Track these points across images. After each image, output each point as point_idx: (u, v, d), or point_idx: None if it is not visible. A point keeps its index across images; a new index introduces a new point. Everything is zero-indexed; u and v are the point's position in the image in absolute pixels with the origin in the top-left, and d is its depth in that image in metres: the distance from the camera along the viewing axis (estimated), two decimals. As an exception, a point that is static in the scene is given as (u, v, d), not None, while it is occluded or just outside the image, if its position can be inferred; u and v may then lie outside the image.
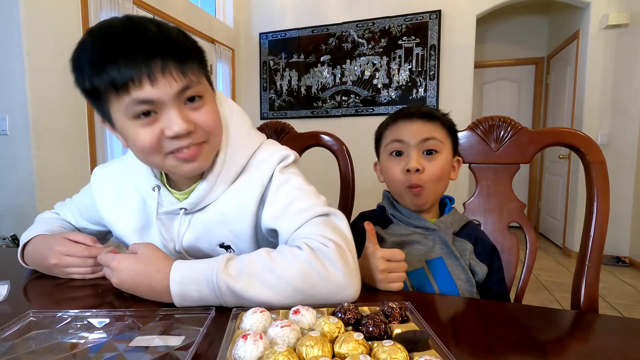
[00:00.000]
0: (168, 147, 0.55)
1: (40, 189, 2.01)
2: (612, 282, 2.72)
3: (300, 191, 0.62)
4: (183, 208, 0.64)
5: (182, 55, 0.52)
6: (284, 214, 0.60)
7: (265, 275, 0.49)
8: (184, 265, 0.51)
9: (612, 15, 2.97)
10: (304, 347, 0.36)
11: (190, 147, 0.55)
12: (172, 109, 0.52)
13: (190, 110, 0.55)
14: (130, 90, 0.49)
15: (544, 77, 4.31)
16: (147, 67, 0.49)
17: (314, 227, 0.56)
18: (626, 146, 3.08)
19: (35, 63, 1.96)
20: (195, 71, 0.54)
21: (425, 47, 3.32)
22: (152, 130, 0.53)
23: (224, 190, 0.64)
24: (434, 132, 0.74)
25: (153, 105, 0.51)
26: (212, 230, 0.65)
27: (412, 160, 0.72)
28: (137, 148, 0.55)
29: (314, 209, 0.58)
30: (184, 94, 0.53)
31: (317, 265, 0.50)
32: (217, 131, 0.60)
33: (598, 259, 0.73)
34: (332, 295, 0.50)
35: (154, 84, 0.50)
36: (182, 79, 0.52)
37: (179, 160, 0.56)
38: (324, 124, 3.64)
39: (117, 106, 0.52)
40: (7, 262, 0.77)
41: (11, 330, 0.44)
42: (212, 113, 0.58)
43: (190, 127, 0.53)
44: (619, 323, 0.58)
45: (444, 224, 0.75)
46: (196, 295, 0.49)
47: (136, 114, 0.52)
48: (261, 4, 3.85)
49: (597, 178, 0.75)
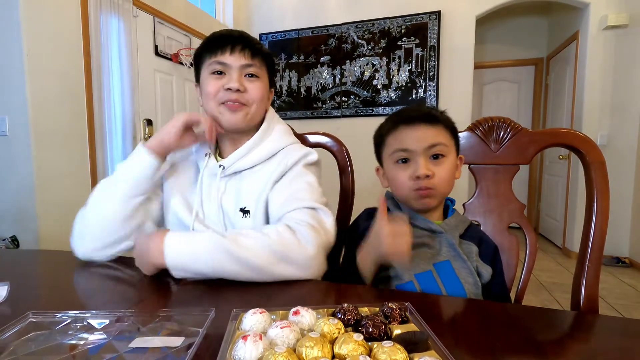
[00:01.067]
0: (222, 97, 0.78)
1: (40, 190, 2.01)
2: (612, 283, 2.72)
3: (309, 186, 0.77)
4: (222, 166, 0.79)
5: (255, 49, 0.79)
6: (287, 196, 0.74)
7: (251, 234, 0.65)
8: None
9: (611, 16, 2.98)
10: (304, 348, 0.36)
11: (235, 103, 0.77)
12: (235, 73, 0.77)
13: (246, 81, 0.79)
14: (217, 55, 0.77)
15: (543, 78, 4.31)
16: (231, 45, 0.77)
17: (300, 214, 0.70)
18: (626, 147, 3.08)
19: (35, 64, 1.97)
20: (261, 62, 0.80)
21: (424, 48, 3.32)
22: (217, 83, 0.78)
23: (256, 162, 0.80)
24: (439, 137, 0.72)
25: (225, 67, 0.78)
26: (240, 194, 0.79)
27: (421, 167, 0.70)
28: (206, 93, 0.79)
29: (309, 202, 0.72)
30: (247, 69, 0.78)
31: (291, 236, 0.65)
32: (259, 102, 0.80)
33: (598, 260, 0.73)
34: (301, 265, 0.64)
35: (232, 54, 0.77)
36: (249, 59, 0.78)
37: (225, 108, 0.78)
38: (324, 124, 3.64)
39: (206, 64, 0.79)
40: (7, 263, 0.77)
41: (11, 331, 0.43)
42: (259, 88, 0.80)
43: (241, 87, 0.77)
44: (620, 324, 0.58)
45: (449, 226, 0.74)
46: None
47: (213, 70, 0.78)
48: (261, 5, 3.85)
49: (597, 179, 0.75)
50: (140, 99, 2.68)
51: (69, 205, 2.14)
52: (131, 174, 0.75)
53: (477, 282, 0.70)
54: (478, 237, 0.77)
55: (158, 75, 2.88)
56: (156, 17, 2.82)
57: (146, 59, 2.75)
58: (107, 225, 0.73)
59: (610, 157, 2.99)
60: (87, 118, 2.26)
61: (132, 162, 0.75)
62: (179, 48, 3.05)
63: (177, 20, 3.02)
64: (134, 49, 2.59)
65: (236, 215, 0.78)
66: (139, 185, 0.75)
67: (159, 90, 2.90)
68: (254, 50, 0.79)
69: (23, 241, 2.00)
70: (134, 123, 2.55)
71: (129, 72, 2.49)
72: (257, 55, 0.79)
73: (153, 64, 2.83)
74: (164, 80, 2.95)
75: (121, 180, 0.75)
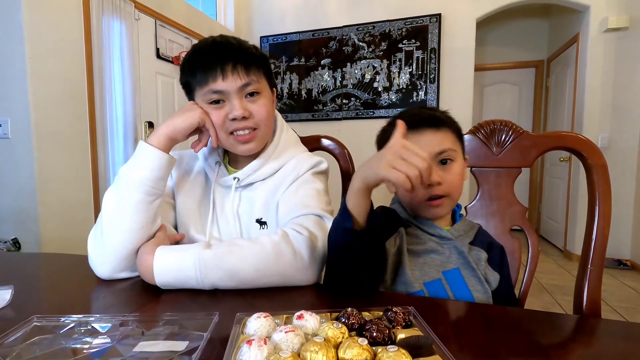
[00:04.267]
0: (229, 127, 0.72)
1: (42, 192, 2.01)
2: (614, 285, 2.71)
3: (316, 193, 0.75)
4: (237, 178, 0.77)
5: (246, 61, 0.70)
6: (294, 203, 0.73)
7: (245, 245, 0.63)
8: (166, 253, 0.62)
9: (611, 19, 2.98)
10: (309, 352, 0.36)
11: (245, 131, 0.73)
12: (235, 98, 0.71)
13: (248, 102, 0.72)
14: (209, 83, 0.69)
15: (544, 80, 4.32)
16: (221, 68, 0.69)
17: (304, 220, 0.69)
18: (627, 149, 3.08)
19: (37, 67, 1.97)
20: (257, 74, 0.73)
21: (425, 51, 3.33)
22: (220, 113, 0.72)
23: (270, 174, 0.79)
24: (445, 142, 0.70)
25: (222, 95, 0.70)
26: (254, 205, 0.78)
27: (431, 175, 0.67)
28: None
29: (315, 210, 0.71)
30: (246, 89, 0.71)
31: (286, 246, 0.63)
32: (267, 121, 0.76)
33: (600, 263, 0.73)
34: (289, 276, 0.63)
35: (225, 79, 0.69)
36: (245, 77, 0.70)
37: (236, 141, 0.74)
38: (325, 127, 3.65)
39: (199, 94, 0.72)
40: (11, 266, 0.77)
41: (15, 335, 0.44)
42: (264, 106, 0.74)
43: (245, 113, 0.71)
44: (622, 328, 0.58)
45: (458, 232, 0.73)
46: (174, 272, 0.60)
47: (210, 100, 0.71)
48: (262, 8, 3.87)
49: (599, 182, 0.75)
50: (142, 101, 2.69)
51: (70, 207, 2.15)
52: (144, 178, 0.65)
53: (487, 289, 0.69)
54: (487, 242, 0.75)
55: (159, 77, 2.89)
56: (158, 20, 2.83)
57: (148, 61, 2.76)
58: (128, 238, 0.64)
59: (611, 159, 2.99)
60: (88, 120, 2.27)
61: (141, 165, 0.66)
62: (181, 51, 3.06)
63: (179, 23, 3.03)
64: (136, 52, 2.59)
65: (253, 226, 0.77)
66: (154, 189, 0.67)
67: (160, 93, 2.91)
68: (246, 62, 0.71)
69: (24, 243, 2.00)
70: (135, 125, 2.56)
71: (130, 75, 2.50)
72: (251, 66, 0.71)
73: (154, 67, 2.84)
74: (166, 83, 2.96)
75: (133, 186, 0.65)
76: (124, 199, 0.65)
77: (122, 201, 0.65)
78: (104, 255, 0.65)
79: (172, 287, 0.61)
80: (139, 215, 0.65)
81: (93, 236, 0.67)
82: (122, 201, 0.65)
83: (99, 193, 2.30)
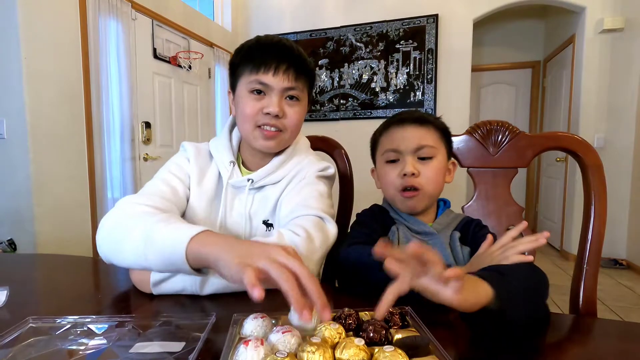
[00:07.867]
0: (260, 120, 0.74)
1: (38, 193, 2.00)
2: (610, 285, 2.72)
3: (319, 194, 0.76)
4: (251, 179, 0.77)
5: (300, 68, 0.74)
6: (296, 203, 0.73)
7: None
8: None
9: (607, 20, 3.00)
10: (305, 352, 0.36)
11: (272, 128, 0.74)
12: (276, 96, 0.73)
13: (286, 104, 0.75)
14: (259, 72, 0.72)
15: (540, 81, 4.34)
16: (276, 64, 0.71)
17: (304, 221, 0.68)
18: (622, 149, 3.10)
19: (33, 67, 1.96)
20: (304, 83, 0.76)
21: (422, 51, 3.34)
22: (256, 105, 0.73)
23: (282, 178, 0.79)
24: (427, 138, 0.75)
25: (265, 88, 0.73)
26: (264, 207, 0.78)
27: (408, 165, 0.73)
28: (242, 113, 0.75)
29: (316, 211, 0.71)
30: (289, 92, 0.74)
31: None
32: (295, 128, 0.78)
33: (596, 262, 0.73)
34: None
35: (275, 74, 0.71)
36: (292, 82, 0.73)
37: (261, 134, 0.75)
38: (322, 127, 3.65)
39: (244, 80, 0.74)
40: (6, 267, 0.77)
41: (11, 336, 0.43)
42: (298, 113, 0.77)
43: (280, 112, 0.73)
44: (618, 327, 0.58)
45: (441, 225, 0.77)
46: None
47: (252, 89, 0.73)
48: (259, 8, 3.86)
49: (595, 182, 0.75)
50: (139, 101, 2.68)
51: (66, 208, 2.14)
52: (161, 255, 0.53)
53: None
54: (465, 222, 0.77)
55: (156, 78, 2.88)
56: (155, 20, 2.82)
57: (145, 61, 2.75)
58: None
59: (607, 159, 3.00)
60: (85, 121, 2.26)
61: (166, 250, 0.52)
62: (178, 51, 3.05)
63: (176, 23, 3.02)
64: (133, 52, 2.58)
65: (260, 228, 0.78)
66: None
67: (157, 93, 2.90)
68: (299, 70, 0.74)
69: (20, 244, 1.99)
70: (132, 126, 2.55)
71: (127, 75, 2.49)
72: (301, 75, 0.75)
73: (151, 67, 2.83)
74: (163, 83, 2.95)
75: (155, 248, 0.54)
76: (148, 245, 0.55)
77: (147, 246, 0.54)
78: (118, 262, 0.59)
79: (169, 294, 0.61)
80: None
81: (107, 239, 0.60)
82: (147, 246, 0.54)
83: (95, 194, 2.29)
